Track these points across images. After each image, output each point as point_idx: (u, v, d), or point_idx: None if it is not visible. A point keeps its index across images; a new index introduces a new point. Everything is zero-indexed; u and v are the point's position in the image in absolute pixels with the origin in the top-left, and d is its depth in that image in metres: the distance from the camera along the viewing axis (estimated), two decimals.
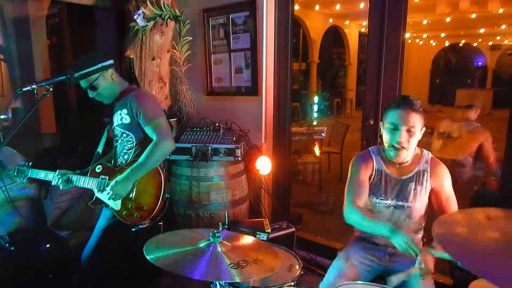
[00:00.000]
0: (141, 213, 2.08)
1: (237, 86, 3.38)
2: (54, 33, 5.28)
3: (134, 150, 2.16)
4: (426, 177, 1.88)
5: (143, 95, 2.22)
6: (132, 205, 2.08)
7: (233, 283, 1.65)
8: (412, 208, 1.89)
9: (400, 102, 1.82)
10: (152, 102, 2.21)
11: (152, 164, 2.05)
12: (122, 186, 2.03)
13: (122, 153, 2.20)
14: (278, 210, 3.38)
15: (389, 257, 1.95)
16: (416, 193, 1.88)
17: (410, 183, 1.88)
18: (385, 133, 1.86)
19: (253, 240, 1.67)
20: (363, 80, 2.86)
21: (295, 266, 1.89)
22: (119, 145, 2.22)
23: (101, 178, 2.14)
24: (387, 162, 1.93)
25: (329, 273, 1.91)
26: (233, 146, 2.92)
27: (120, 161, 2.20)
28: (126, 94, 2.18)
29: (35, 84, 1.89)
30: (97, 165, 2.19)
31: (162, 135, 2.06)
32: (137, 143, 2.16)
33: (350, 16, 10.80)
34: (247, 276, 1.36)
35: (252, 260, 1.44)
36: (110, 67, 2.15)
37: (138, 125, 2.12)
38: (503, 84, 13.03)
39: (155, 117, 2.10)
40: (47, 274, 2.47)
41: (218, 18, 3.35)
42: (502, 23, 10.27)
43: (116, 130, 2.21)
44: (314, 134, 5.22)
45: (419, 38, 13.54)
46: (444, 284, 2.49)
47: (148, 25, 3.09)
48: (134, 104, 2.10)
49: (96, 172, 2.17)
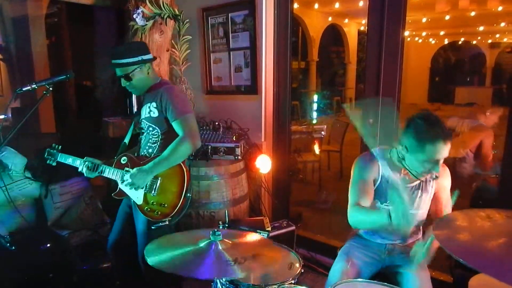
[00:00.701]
0: (163, 210, 2.07)
1: (236, 85, 3.38)
2: (53, 33, 5.29)
3: (159, 145, 2.15)
4: (432, 183, 1.85)
5: (174, 89, 2.21)
6: (154, 201, 2.08)
7: (234, 281, 1.66)
8: (416, 214, 1.87)
9: (437, 131, 1.61)
10: (182, 98, 2.21)
11: (175, 160, 2.04)
12: (141, 176, 2.03)
13: (146, 146, 2.20)
14: (278, 209, 3.39)
15: (388, 253, 1.96)
16: (422, 201, 1.85)
17: (416, 191, 1.84)
18: (417, 162, 1.69)
19: (254, 237, 1.67)
20: (362, 79, 2.85)
21: (295, 264, 1.89)
22: (144, 138, 2.22)
23: (125, 170, 2.14)
24: (393, 168, 1.80)
25: (331, 274, 1.91)
26: (233, 145, 2.92)
27: (144, 154, 2.20)
28: (157, 88, 2.18)
29: (34, 83, 1.89)
30: (123, 156, 2.19)
31: (189, 132, 2.05)
32: (162, 138, 2.15)
33: (349, 14, 10.80)
34: (250, 271, 1.36)
35: (253, 256, 1.44)
36: (149, 61, 2.17)
37: (165, 120, 2.12)
38: (502, 82, 13.05)
39: (183, 113, 2.08)
40: (47, 274, 2.47)
41: (218, 17, 3.35)
42: (501, 21, 10.27)
43: (143, 123, 2.21)
44: (314, 132, 5.23)
45: (419, 36, 13.55)
46: (444, 282, 2.50)
47: (148, 24, 3.09)
48: (164, 98, 2.10)
49: (121, 164, 2.17)
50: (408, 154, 1.71)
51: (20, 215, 2.84)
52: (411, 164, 1.73)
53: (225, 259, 1.40)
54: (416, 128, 1.65)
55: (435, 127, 1.62)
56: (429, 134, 1.61)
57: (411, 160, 1.71)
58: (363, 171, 1.83)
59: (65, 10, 5.31)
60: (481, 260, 1.07)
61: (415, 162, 1.70)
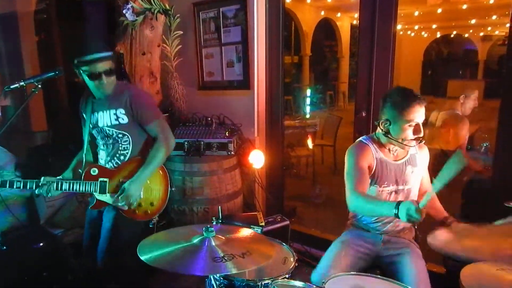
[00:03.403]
0: (153, 208, 2.15)
1: (229, 80, 3.36)
2: (43, 29, 5.21)
3: (131, 150, 2.12)
4: (419, 159, 1.97)
5: (141, 93, 2.20)
6: (141, 203, 2.12)
7: (228, 276, 1.65)
8: (410, 190, 1.96)
9: (411, 96, 1.80)
10: (151, 101, 2.21)
11: (157, 165, 2.11)
12: (134, 189, 2.04)
13: (117, 154, 2.13)
14: (272, 204, 3.39)
15: (384, 244, 1.97)
16: (414, 175, 1.95)
17: (407, 166, 1.94)
18: (400, 129, 1.82)
19: (247, 232, 1.67)
20: (355, 73, 2.87)
21: (289, 258, 1.89)
22: (111, 146, 2.13)
23: (100, 181, 2.09)
24: (382, 149, 1.95)
25: (321, 263, 1.93)
26: (226, 140, 2.91)
27: (115, 163, 2.13)
28: (121, 91, 2.09)
29: (23, 81, 1.87)
30: (91, 168, 2.10)
31: (163, 136, 2.10)
32: (132, 143, 2.12)
33: (341, 8, 10.77)
34: (243, 267, 1.37)
35: (247, 251, 1.44)
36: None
37: (136, 125, 2.10)
38: (494, 75, 13.13)
39: (156, 116, 2.12)
40: (41, 273, 2.45)
41: (209, 11, 3.32)
42: (493, 13, 10.30)
43: (109, 131, 2.11)
44: (307, 127, 5.24)
45: (411, 30, 13.55)
46: (437, 273, 2.53)
47: (138, 20, 3.05)
48: (134, 103, 2.05)
49: (92, 175, 2.09)
50: (391, 126, 1.85)
51: (12, 215, 2.80)
52: (396, 134, 1.85)
53: (218, 255, 1.40)
54: (393, 99, 1.85)
55: (409, 95, 1.81)
56: (405, 100, 1.80)
57: (395, 130, 1.84)
58: (357, 159, 1.90)
59: (54, 6, 5.23)
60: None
61: (399, 131, 1.83)
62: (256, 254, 1.45)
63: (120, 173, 2.10)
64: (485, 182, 2.69)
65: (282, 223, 2.64)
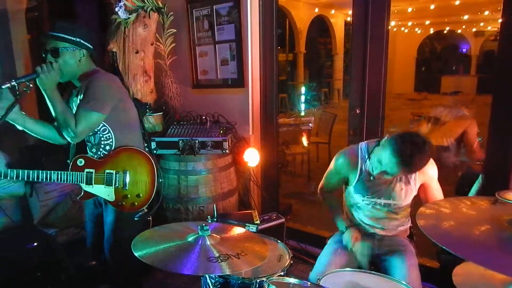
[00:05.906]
0: (140, 200, 2.09)
1: (223, 78, 3.35)
2: (35, 27, 5.15)
3: (114, 140, 2.04)
4: (414, 176, 1.90)
5: (105, 79, 2.01)
6: (128, 194, 2.06)
7: (223, 275, 1.65)
8: (399, 205, 1.94)
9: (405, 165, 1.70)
10: (105, 93, 1.97)
11: (51, 134, 2.05)
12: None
13: (101, 145, 2.06)
14: (268, 202, 3.39)
15: (378, 242, 1.99)
16: (404, 193, 1.91)
17: (397, 183, 1.90)
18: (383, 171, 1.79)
19: (241, 231, 1.67)
20: (349, 70, 2.86)
21: (285, 256, 1.90)
22: (92, 136, 2.06)
23: (86, 172, 2.06)
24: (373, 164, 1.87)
25: (319, 261, 1.94)
26: (221, 139, 2.91)
27: (101, 153, 2.07)
28: (88, 76, 1.99)
29: (14, 81, 1.84)
30: (78, 158, 2.05)
31: (82, 130, 1.92)
32: (114, 132, 2.04)
33: (335, 5, 10.79)
34: (237, 268, 1.36)
35: (241, 251, 1.44)
36: (87, 51, 2.00)
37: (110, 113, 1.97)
38: (487, 70, 13.22)
39: (92, 108, 1.90)
40: (35, 273, 2.44)
41: (202, 9, 3.30)
42: (485, 9, 10.37)
43: None
44: (302, 124, 5.23)
45: (404, 26, 13.59)
46: (431, 268, 2.55)
47: (130, 18, 3.02)
48: (88, 85, 1.93)
49: (79, 166, 2.05)
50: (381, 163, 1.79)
51: (5, 215, 2.79)
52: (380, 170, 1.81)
53: (213, 255, 1.39)
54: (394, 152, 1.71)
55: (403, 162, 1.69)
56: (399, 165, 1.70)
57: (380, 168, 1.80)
58: (338, 166, 2.03)
59: (46, 4, 5.18)
60: (466, 247, 1.08)
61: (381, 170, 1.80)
62: (251, 255, 1.44)
63: (106, 164, 2.04)
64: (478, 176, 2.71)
65: (277, 220, 2.64)
